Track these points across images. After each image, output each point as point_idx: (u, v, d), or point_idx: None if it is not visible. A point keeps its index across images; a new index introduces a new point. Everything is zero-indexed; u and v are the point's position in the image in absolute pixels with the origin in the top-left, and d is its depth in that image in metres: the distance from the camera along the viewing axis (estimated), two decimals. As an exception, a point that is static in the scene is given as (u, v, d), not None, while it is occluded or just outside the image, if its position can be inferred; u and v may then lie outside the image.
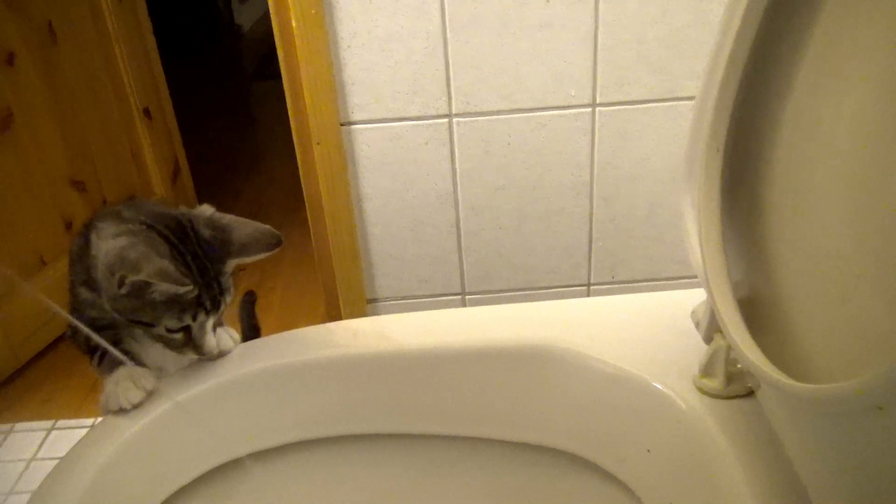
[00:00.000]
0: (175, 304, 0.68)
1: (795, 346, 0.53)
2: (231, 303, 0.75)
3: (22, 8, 1.51)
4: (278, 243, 0.74)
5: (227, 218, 0.75)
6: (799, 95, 0.52)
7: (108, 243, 0.68)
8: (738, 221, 0.61)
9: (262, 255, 0.74)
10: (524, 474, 0.77)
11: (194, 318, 0.70)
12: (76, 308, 0.77)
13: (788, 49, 0.53)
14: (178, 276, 0.67)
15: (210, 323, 0.73)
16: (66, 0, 1.63)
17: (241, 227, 0.74)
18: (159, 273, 0.66)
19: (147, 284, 0.66)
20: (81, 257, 0.73)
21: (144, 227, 0.70)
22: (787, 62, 0.53)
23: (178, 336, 0.71)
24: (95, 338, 0.69)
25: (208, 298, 0.71)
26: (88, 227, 0.73)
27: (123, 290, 0.67)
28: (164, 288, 0.67)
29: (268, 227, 0.75)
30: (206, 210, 0.76)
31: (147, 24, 1.92)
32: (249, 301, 1.17)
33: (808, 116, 0.51)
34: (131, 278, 0.65)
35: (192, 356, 0.73)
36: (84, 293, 0.75)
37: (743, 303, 0.58)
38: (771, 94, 0.55)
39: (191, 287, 0.68)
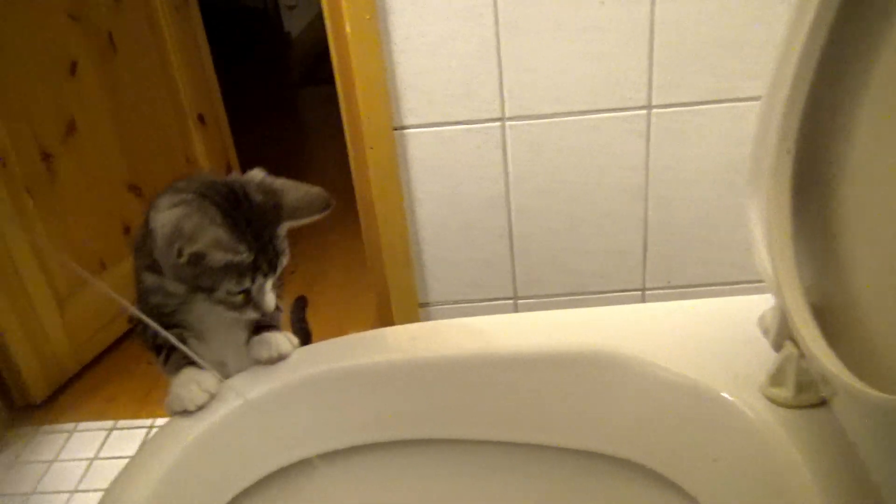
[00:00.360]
0: (233, 269, 0.70)
1: (871, 353, 0.51)
2: (287, 265, 0.77)
3: (84, 19, 1.56)
4: (328, 206, 0.76)
5: (279, 181, 0.77)
6: (877, 92, 0.50)
7: (164, 214, 0.70)
8: (808, 224, 0.59)
9: (314, 218, 0.75)
10: (583, 482, 0.76)
11: (253, 282, 0.72)
12: (141, 298, 0.79)
13: (865, 44, 0.51)
14: (233, 245, 0.69)
15: (269, 284, 0.74)
16: (125, 11, 1.68)
17: (293, 190, 0.76)
18: (214, 243, 0.68)
19: (205, 254, 0.68)
20: (145, 242, 0.76)
21: (198, 196, 0.71)
22: (862, 58, 0.51)
23: (239, 298, 0.73)
24: (164, 334, 0.71)
25: (265, 262, 0.72)
26: (149, 211, 0.75)
27: (183, 260, 0.69)
28: (219, 255, 0.69)
29: (318, 188, 0.76)
30: (258, 174, 0.78)
31: (202, 33, 1.96)
32: (300, 306, 1.18)
33: (888, 114, 0.49)
34: (188, 249, 0.68)
35: (252, 316, 0.75)
36: (148, 278, 0.77)
37: (815, 308, 0.56)
38: (845, 92, 0.53)
39: (247, 255, 0.70)
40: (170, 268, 0.72)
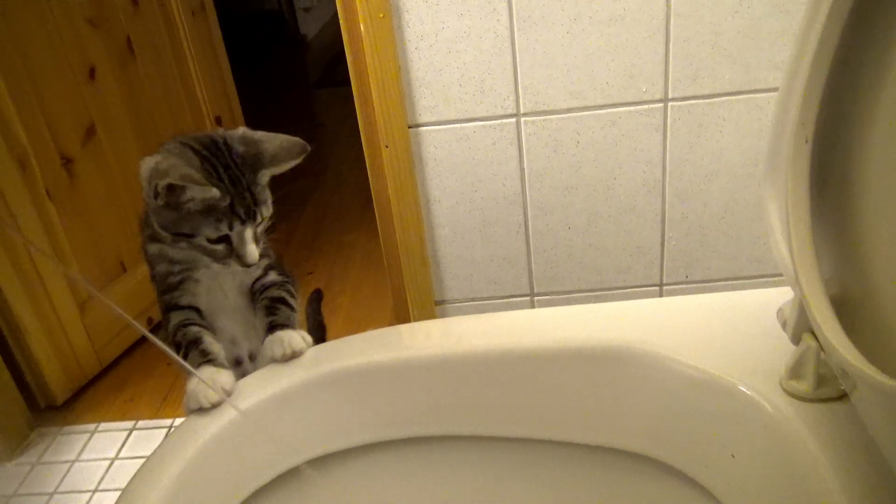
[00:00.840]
0: (211, 213, 0.73)
1: (892, 346, 0.50)
2: (271, 217, 0.80)
3: (103, 25, 1.58)
4: (304, 151, 0.78)
5: (259, 133, 0.80)
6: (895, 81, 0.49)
7: (147, 161, 0.75)
8: (826, 216, 0.58)
9: (292, 164, 0.78)
10: (600, 478, 0.75)
11: (231, 228, 0.75)
12: (151, 273, 0.84)
13: (883, 32, 0.50)
14: (202, 180, 0.71)
15: (249, 233, 0.76)
16: (143, 16, 1.69)
17: (272, 139, 0.79)
18: (184, 176, 0.71)
19: (179, 190, 0.71)
20: (147, 215, 0.80)
21: (178, 144, 0.76)
22: (881, 47, 0.51)
23: (220, 247, 0.76)
24: (170, 353, 0.73)
25: (242, 207, 0.75)
26: None
27: (160, 200, 0.73)
28: (192, 193, 0.71)
29: (296, 138, 0.79)
30: (241, 129, 0.81)
31: (218, 36, 1.97)
32: (316, 299, 1.20)
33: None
34: (162, 183, 0.71)
35: (236, 268, 0.78)
36: (151, 248, 0.81)
37: (834, 300, 0.55)
38: (864, 82, 0.53)
39: (217, 192, 0.72)
40: (154, 213, 0.76)
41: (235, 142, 0.77)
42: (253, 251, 0.77)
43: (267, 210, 0.78)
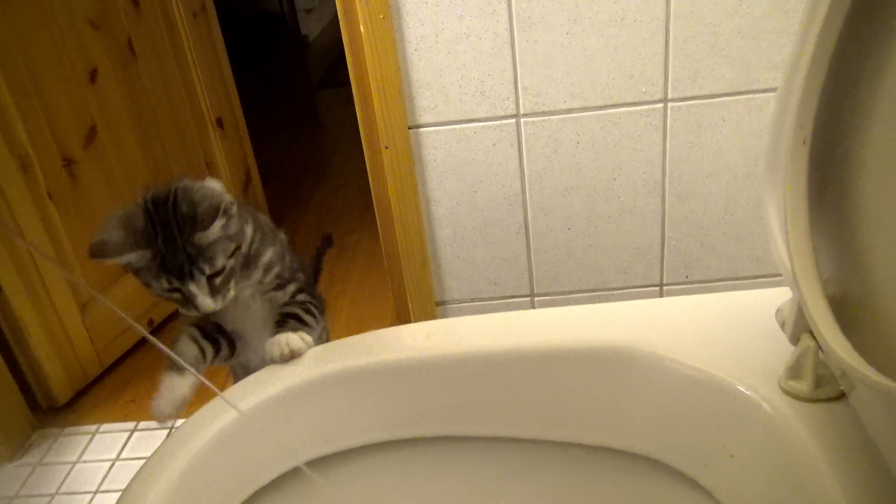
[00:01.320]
0: (149, 270, 0.76)
1: (890, 345, 0.51)
2: (226, 273, 0.79)
3: (104, 26, 1.58)
4: (216, 210, 0.76)
5: (201, 194, 0.79)
6: (894, 83, 0.50)
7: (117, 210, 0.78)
8: (825, 216, 0.58)
9: (217, 224, 0.76)
10: (601, 479, 0.75)
11: (169, 283, 0.76)
12: None
13: (882, 33, 0.50)
14: (120, 249, 0.75)
15: (194, 287, 0.77)
16: (145, 18, 1.70)
17: (203, 201, 0.78)
18: (100, 244, 0.75)
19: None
20: None
21: (141, 198, 0.79)
22: (880, 48, 0.51)
23: (176, 295, 0.78)
24: (169, 353, 0.75)
25: (173, 267, 0.76)
26: None
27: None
28: (108, 260, 0.75)
29: (218, 198, 0.78)
30: (209, 184, 0.82)
31: (219, 38, 1.98)
32: (325, 243, 1.21)
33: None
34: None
35: (193, 314, 0.79)
36: None
37: (833, 301, 0.55)
38: (862, 83, 0.53)
39: (132, 258, 0.75)
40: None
41: (183, 201, 0.77)
42: (204, 301, 0.77)
43: (211, 267, 0.77)
